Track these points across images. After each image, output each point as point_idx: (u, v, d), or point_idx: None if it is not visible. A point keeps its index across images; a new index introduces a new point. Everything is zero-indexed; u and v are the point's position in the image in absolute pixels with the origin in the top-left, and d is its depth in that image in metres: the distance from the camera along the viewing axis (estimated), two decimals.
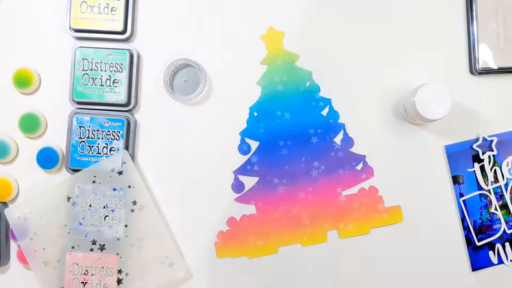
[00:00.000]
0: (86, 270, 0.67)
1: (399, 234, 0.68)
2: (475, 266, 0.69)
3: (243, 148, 0.69)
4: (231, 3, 0.69)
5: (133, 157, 0.68)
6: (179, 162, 0.68)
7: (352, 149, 0.69)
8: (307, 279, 0.69)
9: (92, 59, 0.67)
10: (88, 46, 0.67)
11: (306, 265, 0.69)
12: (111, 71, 0.67)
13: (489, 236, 0.69)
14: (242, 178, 0.69)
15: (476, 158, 0.69)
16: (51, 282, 0.68)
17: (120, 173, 0.67)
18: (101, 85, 0.67)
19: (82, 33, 0.68)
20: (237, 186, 0.69)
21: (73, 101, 0.68)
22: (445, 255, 0.69)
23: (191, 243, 0.69)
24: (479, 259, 0.69)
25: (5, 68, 0.69)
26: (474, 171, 0.69)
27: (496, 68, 0.68)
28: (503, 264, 0.69)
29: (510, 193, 0.69)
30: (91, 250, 0.67)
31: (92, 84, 0.67)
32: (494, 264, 0.69)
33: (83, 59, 0.67)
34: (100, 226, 0.67)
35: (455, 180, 0.69)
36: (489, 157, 0.68)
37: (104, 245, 0.68)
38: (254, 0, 0.69)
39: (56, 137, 0.69)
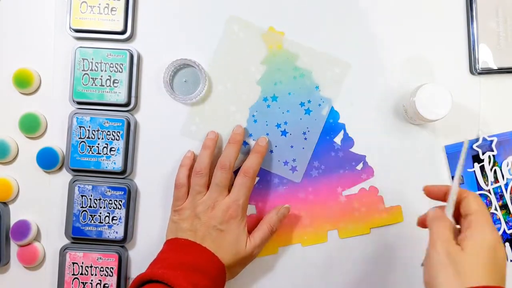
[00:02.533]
0: (86, 270, 0.67)
1: (400, 234, 0.69)
2: None
3: (243, 148, 0.69)
4: (231, 3, 0.69)
5: (133, 157, 0.69)
6: (179, 162, 0.68)
7: (352, 149, 0.69)
8: (307, 279, 0.69)
9: (92, 59, 0.67)
10: (88, 46, 0.67)
11: (306, 265, 0.69)
12: (111, 71, 0.67)
13: None
14: None
15: (476, 158, 0.69)
16: (51, 282, 0.68)
17: (120, 173, 0.68)
18: (101, 85, 0.67)
19: (82, 33, 0.68)
20: None
21: (73, 101, 0.68)
22: None
23: None
24: None
25: (5, 68, 0.69)
26: (474, 171, 0.69)
27: (496, 68, 0.68)
28: None
29: (510, 194, 0.69)
30: (91, 250, 0.67)
31: (92, 84, 0.67)
32: None
33: (83, 59, 0.67)
34: (100, 226, 0.67)
35: None
36: (489, 157, 0.68)
37: (104, 245, 0.68)
38: (254, 0, 0.69)
39: (56, 137, 0.69)
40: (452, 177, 0.68)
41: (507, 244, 0.69)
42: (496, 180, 0.69)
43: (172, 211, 0.65)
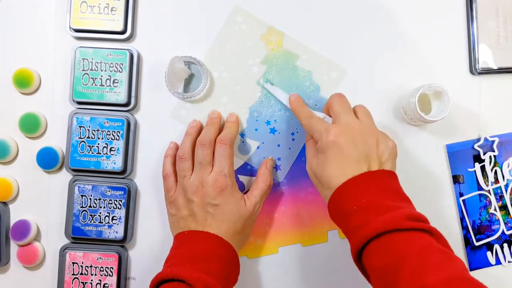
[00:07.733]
0: (86, 270, 0.67)
1: None
2: (473, 266, 0.69)
3: (243, 148, 0.69)
4: (231, 3, 0.69)
5: (133, 157, 0.69)
6: None
7: None
8: (307, 279, 0.69)
9: (92, 59, 0.67)
10: (88, 46, 0.67)
11: (306, 265, 0.69)
12: (111, 71, 0.67)
13: (488, 237, 0.69)
14: (242, 178, 0.69)
15: (477, 158, 0.69)
16: (51, 282, 0.68)
17: (120, 173, 0.68)
18: (101, 85, 0.67)
19: (82, 33, 0.68)
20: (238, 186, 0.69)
21: (73, 101, 0.68)
22: None
23: None
24: (476, 259, 0.69)
25: (5, 68, 0.69)
26: (475, 171, 0.69)
27: (496, 68, 0.68)
28: (500, 265, 0.69)
29: (510, 194, 0.69)
30: (91, 250, 0.67)
31: (92, 84, 0.67)
32: (491, 265, 0.69)
33: (83, 59, 0.67)
34: (100, 226, 0.67)
35: (455, 179, 0.69)
36: (490, 157, 0.68)
37: (104, 245, 0.68)
38: (255, 1, 0.69)
39: (56, 137, 0.69)
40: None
41: (505, 245, 0.69)
42: (496, 180, 0.69)
43: (167, 204, 0.65)
